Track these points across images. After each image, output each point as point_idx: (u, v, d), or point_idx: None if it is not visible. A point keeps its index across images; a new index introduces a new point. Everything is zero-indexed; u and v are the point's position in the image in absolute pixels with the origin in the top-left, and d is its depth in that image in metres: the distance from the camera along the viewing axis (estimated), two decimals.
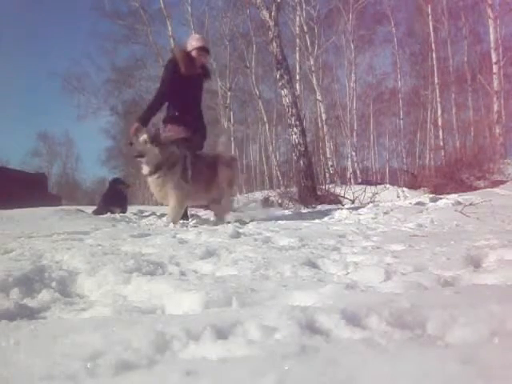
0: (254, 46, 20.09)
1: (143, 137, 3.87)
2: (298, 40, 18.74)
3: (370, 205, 6.02)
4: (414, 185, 12.21)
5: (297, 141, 8.60)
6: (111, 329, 0.85)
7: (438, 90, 18.73)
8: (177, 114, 4.50)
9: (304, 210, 6.12)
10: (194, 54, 4.54)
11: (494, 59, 15.28)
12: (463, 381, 0.56)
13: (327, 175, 15.37)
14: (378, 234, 2.87)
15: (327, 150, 18.52)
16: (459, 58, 20.38)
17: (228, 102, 21.16)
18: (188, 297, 1.20)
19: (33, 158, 42.51)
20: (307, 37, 18.83)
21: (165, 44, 19.63)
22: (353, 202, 7.88)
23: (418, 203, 5.55)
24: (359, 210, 5.12)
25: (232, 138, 20.30)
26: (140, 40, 20.72)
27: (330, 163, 17.94)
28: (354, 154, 20.60)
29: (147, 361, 0.70)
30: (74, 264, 1.68)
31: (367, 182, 12.68)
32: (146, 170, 3.91)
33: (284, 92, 8.66)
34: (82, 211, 5.09)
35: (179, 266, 1.75)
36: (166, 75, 4.50)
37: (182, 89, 4.43)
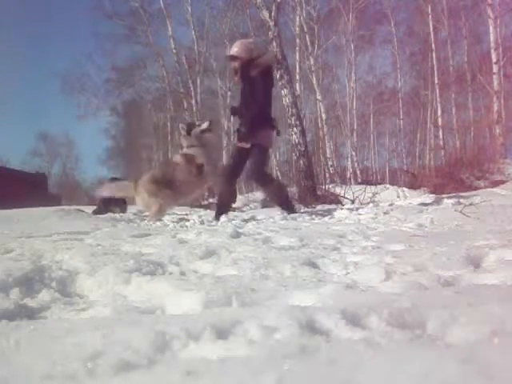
0: None
1: None
2: (298, 40, 18.70)
3: (370, 205, 6.03)
4: (413, 185, 12.20)
5: (297, 141, 8.60)
6: (111, 329, 0.85)
7: (437, 90, 18.72)
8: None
9: (304, 210, 6.11)
10: None
11: (493, 59, 15.26)
12: (463, 381, 0.56)
13: (327, 175, 15.35)
14: (378, 233, 2.86)
15: (327, 149, 18.49)
16: (459, 58, 20.36)
17: (228, 101, 21.12)
18: (188, 297, 1.20)
19: (33, 158, 42.54)
20: (307, 37, 18.78)
21: (165, 44, 19.67)
22: (353, 201, 7.87)
23: (418, 203, 5.55)
24: (359, 210, 5.12)
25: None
26: (140, 40, 20.74)
27: (330, 163, 17.92)
28: (354, 153, 20.56)
29: (147, 361, 0.70)
30: (73, 264, 1.68)
31: (367, 181, 12.65)
32: None
33: (284, 92, 8.66)
34: (81, 211, 5.09)
35: (179, 266, 1.75)
36: None
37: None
